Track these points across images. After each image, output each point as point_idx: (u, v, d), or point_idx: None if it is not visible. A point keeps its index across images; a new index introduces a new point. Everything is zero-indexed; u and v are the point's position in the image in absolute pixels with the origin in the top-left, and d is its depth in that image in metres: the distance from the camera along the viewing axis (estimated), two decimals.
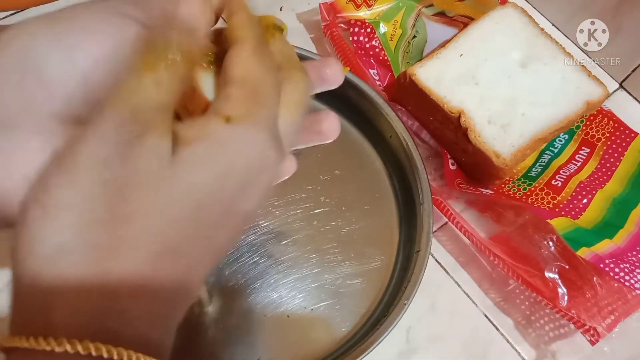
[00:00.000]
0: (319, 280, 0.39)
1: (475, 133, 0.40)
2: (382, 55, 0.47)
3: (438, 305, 0.40)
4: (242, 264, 0.38)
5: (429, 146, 0.45)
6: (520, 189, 0.43)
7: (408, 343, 0.39)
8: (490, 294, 0.41)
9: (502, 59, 0.42)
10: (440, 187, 0.44)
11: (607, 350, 0.37)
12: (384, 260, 0.40)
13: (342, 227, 0.40)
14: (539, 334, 0.39)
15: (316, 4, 0.48)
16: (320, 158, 0.43)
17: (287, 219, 0.40)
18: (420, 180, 0.39)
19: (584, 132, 0.45)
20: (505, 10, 0.44)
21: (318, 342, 0.37)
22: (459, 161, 0.43)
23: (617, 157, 0.44)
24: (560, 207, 0.41)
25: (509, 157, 0.39)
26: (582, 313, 0.36)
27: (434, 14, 0.49)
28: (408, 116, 0.44)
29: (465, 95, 0.41)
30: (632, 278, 0.37)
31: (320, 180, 0.42)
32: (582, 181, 0.42)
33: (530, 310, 0.40)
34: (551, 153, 0.44)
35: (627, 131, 0.45)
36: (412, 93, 0.42)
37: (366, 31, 0.47)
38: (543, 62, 0.42)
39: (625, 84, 0.50)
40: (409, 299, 0.35)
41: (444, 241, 0.43)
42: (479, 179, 0.43)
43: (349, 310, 0.38)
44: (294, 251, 0.39)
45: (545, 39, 0.43)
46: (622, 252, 0.39)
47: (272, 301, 0.38)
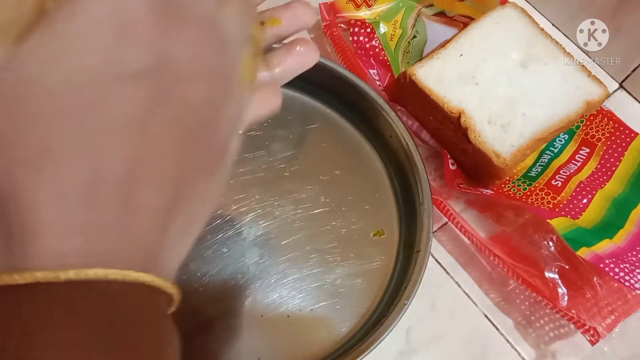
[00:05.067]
0: (319, 280, 0.39)
1: (475, 133, 0.40)
2: (382, 55, 0.47)
3: (438, 305, 0.40)
4: (242, 264, 0.38)
5: (429, 146, 0.45)
6: (520, 189, 0.43)
7: (408, 343, 0.39)
8: (490, 294, 0.41)
9: (502, 59, 0.42)
10: (440, 187, 0.44)
11: (607, 350, 0.37)
12: (384, 260, 0.40)
13: (342, 227, 0.40)
14: (539, 334, 0.39)
15: (316, 3, 0.48)
16: (320, 158, 0.43)
17: (287, 219, 0.40)
18: (420, 180, 0.39)
19: (584, 132, 0.45)
20: (505, 10, 0.44)
21: (318, 342, 0.37)
22: (459, 161, 0.43)
23: (617, 157, 0.44)
24: (560, 207, 0.41)
25: (509, 157, 0.39)
26: (582, 313, 0.36)
27: (434, 14, 0.49)
28: (408, 116, 0.44)
29: (465, 95, 0.41)
30: (632, 278, 0.37)
31: (320, 180, 0.42)
32: (582, 181, 0.42)
33: (530, 310, 0.40)
34: (551, 153, 0.44)
35: (627, 131, 0.45)
36: (412, 93, 0.42)
37: (366, 31, 0.47)
38: (543, 62, 0.42)
39: (625, 84, 0.50)
40: (409, 299, 0.35)
41: (444, 241, 0.43)
42: (479, 179, 0.43)
43: (349, 310, 0.38)
44: (294, 251, 0.39)
45: (545, 39, 0.43)
46: (622, 252, 0.39)
47: (272, 301, 0.38)
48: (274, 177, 0.41)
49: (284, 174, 0.42)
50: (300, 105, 0.44)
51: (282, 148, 0.43)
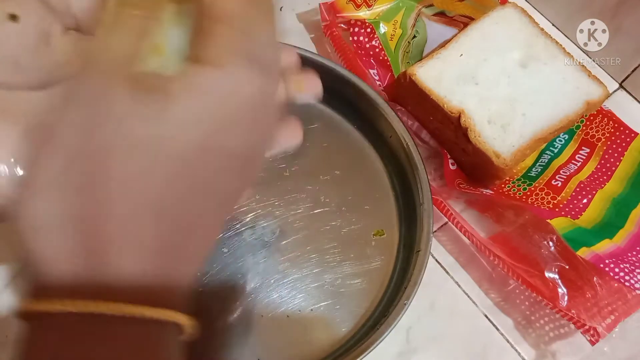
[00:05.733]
0: (319, 280, 0.39)
1: (475, 133, 0.40)
2: (382, 55, 0.47)
3: (438, 305, 0.40)
4: (242, 264, 0.38)
5: (429, 146, 0.45)
6: (520, 189, 0.43)
7: (408, 343, 0.39)
8: (490, 294, 0.41)
9: (502, 59, 0.42)
10: (440, 187, 0.44)
11: (607, 350, 0.37)
12: (384, 260, 0.40)
13: (342, 227, 0.40)
14: (539, 334, 0.39)
15: (316, 4, 0.48)
16: (320, 158, 0.43)
17: (287, 219, 0.40)
18: (420, 180, 0.39)
19: (584, 132, 0.45)
20: (505, 10, 0.44)
21: (318, 342, 0.37)
22: (459, 161, 0.43)
23: (617, 157, 0.44)
24: (560, 207, 0.41)
25: (509, 157, 0.39)
26: (582, 313, 0.36)
27: (434, 14, 0.49)
28: (408, 116, 0.44)
29: (465, 95, 0.41)
30: (632, 278, 0.37)
31: (320, 180, 0.42)
32: (582, 181, 0.42)
33: (530, 310, 0.40)
34: (551, 153, 0.44)
35: (627, 131, 0.45)
36: (412, 93, 0.42)
37: (366, 31, 0.47)
38: (543, 62, 0.42)
39: (625, 84, 0.50)
40: (409, 299, 0.35)
41: (444, 241, 0.43)
42: (479, 179, 0.43)
43: (349, 310, 0.38)
44: (294, 251, 0.39)
45: (545, 39, 0.43)
46: (622, 252, 0.39)
47: (272, 301, 0.38)
48: (274, 177, 0.41)
49: (284, 174, 0.42)
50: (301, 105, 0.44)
51: None
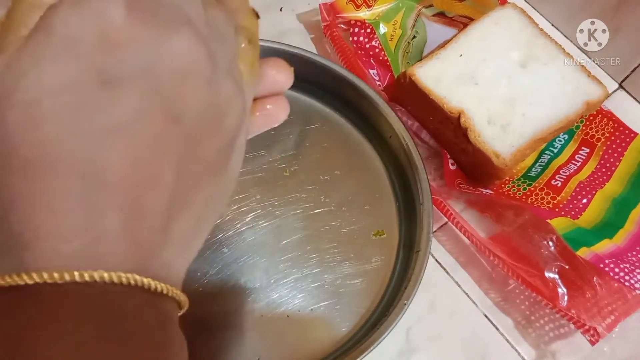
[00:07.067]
0: (319, 280, 0.39)
1: (475, 133, 0.40)
2: (382, 55, 0.47)
3: (438, 305, 0.40)
4: (242, 264, 0.39)
5: (429, 146, 0.45)
6: (520, 189, 0.43)
7: (408, 343, 0.39)
8: (490, 294, 0.41)
9: (502, 59, 0.42)
10: (440, 187, 0.44)
11: (607, 350, 0.37)
12: (384, 260, 0.40)
13: (342, 227, 0.40)
14: (539, 334, 0.39)
15: (316, 4, 0.48)
16: (320, 158, 0.43)
17: (287, 219, 0.40)
18: (420, 180, 0.39)
19: (584, 132, 0.45)
20: (505, 11, 0.44)
21: (318, 342, 0.37)
22: (459, 161, 0.43)
23: (616, 157, 0.44)
24: (560, 207, 0.41)
25: (508, 157, 0.39)
26: (582, 313, 0.36)
27: (433, 15, 0.49)
28: (408, 116, 0.44)
29: (464, 96, 0.41)
30: (632, 278, 0.37)
31: (320, 180, 0.42)
32: (581, 181, 0.42)
33: (530, 310, 0.40)
34: (551, 153, 0.44)
35: (627, 131, 0.45)
36: (411, 93, 0.42)
37: (366, 31, 0.47)
38: (542, 62, 0.42)
39: (625, 84, 0.50)
40: (409, 299, 0.35)
41: (444, 241, 0.43)
42: (478, 179, 0.43)
43: (349, 310, 0.38)
44: (294, 251, 0.39)
45: (544, 39, 0.43)
46: (622, 252, 0.39)
47: (272, 301, 0.38)
48: (274, 177, 0.41)
49: (284, 174, 0.42)
50: (300, 105, 0.44)
51: (282, 148, 0.43)
